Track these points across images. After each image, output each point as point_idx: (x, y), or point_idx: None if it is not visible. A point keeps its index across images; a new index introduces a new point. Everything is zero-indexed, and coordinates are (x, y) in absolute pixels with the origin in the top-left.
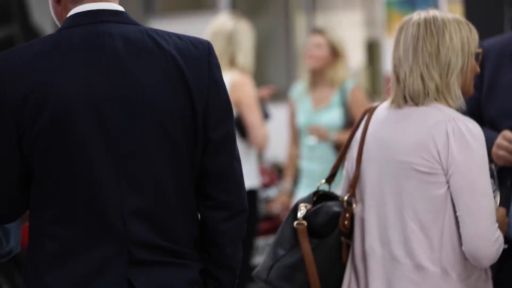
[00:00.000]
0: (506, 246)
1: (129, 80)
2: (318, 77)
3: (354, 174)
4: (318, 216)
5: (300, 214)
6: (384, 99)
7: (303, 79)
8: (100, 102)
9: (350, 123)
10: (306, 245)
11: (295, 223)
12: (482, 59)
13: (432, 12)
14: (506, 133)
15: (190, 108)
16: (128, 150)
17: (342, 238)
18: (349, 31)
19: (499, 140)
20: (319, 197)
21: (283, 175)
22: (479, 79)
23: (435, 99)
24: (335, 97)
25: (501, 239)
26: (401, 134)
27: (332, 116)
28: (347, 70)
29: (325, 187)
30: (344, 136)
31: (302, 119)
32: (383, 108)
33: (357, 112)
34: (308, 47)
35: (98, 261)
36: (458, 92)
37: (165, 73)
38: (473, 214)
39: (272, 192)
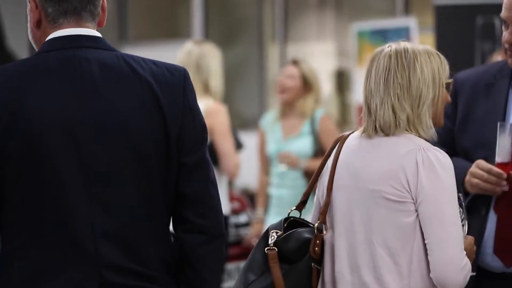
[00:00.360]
0: (474, 273)
1: (104, 105)
2: (288, 107)
3: (324, 201)
4: (289, 242)
5: (271, 240)
6: (355, 129)
7: (274, 108)
8: (74, 126)
9: (320, 151)
10: (276, 271)
11: (266, 249)
12: (456, 90)
13: (403, 44)
14: (480, 162)
15: (164, 133)
16: (100, 174)
17: (313, 264)
18: (321, 61)
19: (473, 168)
20: (290, 224)
21: (254, 201)
22: (452, 110)
23: (406, 130)
24: (305, 126)
25: (468, 266)
26: (372, 163)
27: (302, 145)
28: (318, 101)
29: (295, 214)
30: (314, 164)
31: (272, 147)
32: (354, 137)
33: (327, 141)
34: (281, 77)
35: (69, 284)
36: (429, 123)
37: (140, 98)
38: (441, 242)
39: (242, 218)
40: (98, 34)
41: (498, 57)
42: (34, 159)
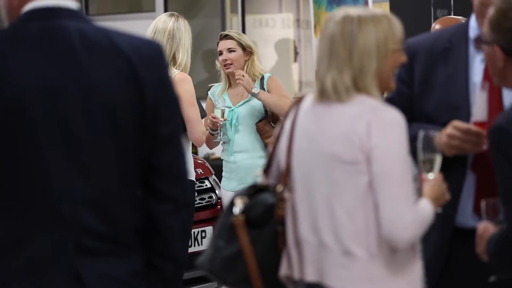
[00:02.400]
0: (440, 211)
1: (84, 75)
2: (235, 76)
3: (285, 165)
4: (254, 208)
5: (237, 208)
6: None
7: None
8: (54, 94)
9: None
10: (244, 238)
11: (232, 217)
12: (410, 56)
13: (352, 11)
14: (457, 122)
15: (140, 104)
16: (79, 141)
17: (278, 227)
18: (281, 31)
19: (450, 130)
20: (255, 189)
21: (216, 169)
22: (409, 76)
23: (355, 94)
24: (253, 89)
25: (418, 222)
26: (326, 126)
27: (254, 105)
28: (260, 64)
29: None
30: (266, 96)
31: (226, 114)
32: (308, 101)
33: (277, 94)
34: (222, 54)
35: (46, 248)
36: (375, 93)
37: (118, 69)
38: (390, 199)
39: (205, 184)
40: (77, 6)
41: (436, 25)
42: (15, 123)
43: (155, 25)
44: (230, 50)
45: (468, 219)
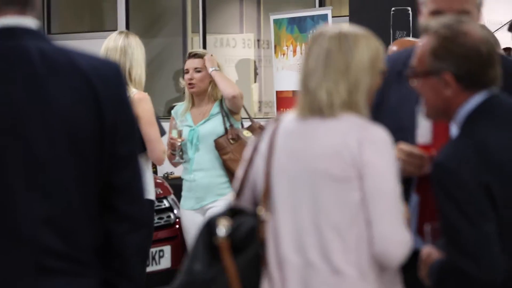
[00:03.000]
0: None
1: (44, 94)
2: (198, 96)
3: (264, 186)
4: (237, 231)
5: (221, 230)
6: (276, 115)
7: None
8: (15, 115)
9: (231, 126)
10: (229, 261)
11: (218, 239)
12: None
13: (345, 27)
14: (401, 146)
15: (100, 124)
16: (40, 162)
17: (261, 250)
18: (241, 51)
19: (396, 153)
20: (232, 212)
21: (175, 187)
22: None
23: (343, 111)
24: (214, 108)
25: (409, 240)
26: (313, 143)
27: (213, 125)
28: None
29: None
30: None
31: (186, 133)
32: (290, 120)
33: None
34: (189, 72)
35: (8, 269)
36: (365, 111)
37: (78, 89)
38: (383, 217)
39: (164, 204)
40: (37, 25)
41: (393, 47)
42: None
43: (106, 45)
44: (196, 70)
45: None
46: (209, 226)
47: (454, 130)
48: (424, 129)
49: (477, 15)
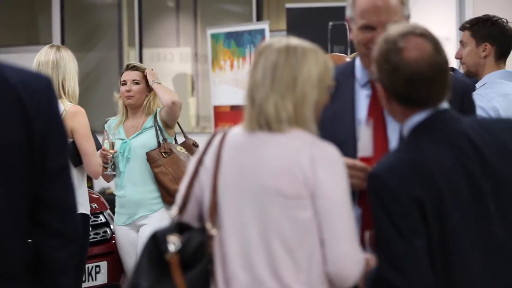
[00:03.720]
0: None
1: None
2: (133, 110)
3: (211, 201)
4: (186, 247)
5: (171, 246)
6: (213, 129)
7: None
8: None
9: (165, 140)
10: (179, 277)
11: (168, 255)
12: None
13: (293, 41)
14: (345, 159)
15: (29, 138)
16: None
17: (209, 266)
18: (178, 65)
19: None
20: (179, 227)
21: (111, 203)
22: None
23: (291, 126)
24: (148, 122)
25: (363, 260)
26: (264, 159)
27: (146, 138)
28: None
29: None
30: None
31: (118, 146)
32: (237, 134)
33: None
34: (126, 84)
35: None
36: (313, 126)
37: (6, 103)
38: (338, 236)
39: (100, 219)
40: None
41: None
42: None
43: (38, 59)
44: (135, 82)
45: None
46: (155, 242)
47: (394, 142)
48: (365, 142)
49: None
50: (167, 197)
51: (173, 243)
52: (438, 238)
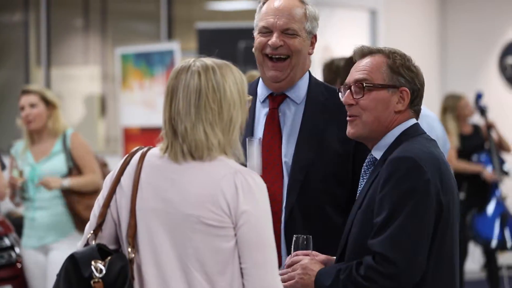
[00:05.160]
0: None
1: None
2: (37, 133)
3: (130, 224)
4: (109, 271)
5: (95, 270)
6: (121, 151)
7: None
8: None
9: (75, 167)
10: None
11: (92, 281)
12: None
13: (207, 62)
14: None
15: None
16: None
17: None
18: (86, 85)
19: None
20: (99, 251)
21: (17, 225)
22: None
23: (218, 153)
24: (56, 146)
25: None
26: (185, 187)
27: (55, 163)
28: (63, 118)
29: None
30: (77, 181)
31: (27, 171)
32: (156, 156)
33: (80, 155)
34: (25, 110)
35: None
36: (239, 146)
37: None
38: (259, 267)
39: (6, 242)
40: None
41: None
42: None
43: None
44: (32, 106)
45: None
46: (75, 265)
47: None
48: (254, 161)
49: (307, 41)
50: (79, 224)
51: (98, 268)
52: (442, 227)
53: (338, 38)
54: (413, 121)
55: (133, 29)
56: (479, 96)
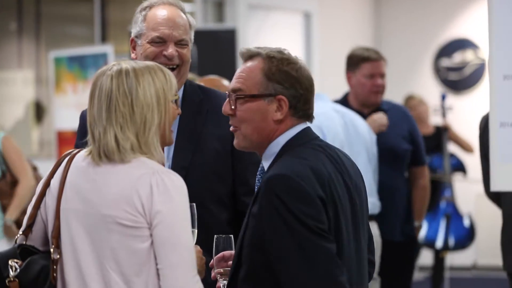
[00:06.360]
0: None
1: None
2: None
3: (54, 224)
4: (28, 271)
5: (10, 270)
6: (55, 155)
7: None
8: None
9: (8, 171)
10: None
11: (7, 280)
12: None
13: (125, 65)
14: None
15: None
16: None
17: None
18: (21, 89)
19: None
20: (22, 251)
21: None
22: None
23: (137, 155)
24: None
25: None
26: (104, 188)
27: None
28: None
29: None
30: (15, 205)
31: None
32: (81, 158)
33: (13, 158)
34: None
35: None
36: (158, 147)
37: None
38: (174, 267)
39: None
40: None
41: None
42: None
43: None
44: None
45: None
46: None
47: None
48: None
49: (189, 51)
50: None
51: (13, 267)
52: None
53: (273, 41)
54: (300, 127)
55: (67, 32)
56: (443, 97)
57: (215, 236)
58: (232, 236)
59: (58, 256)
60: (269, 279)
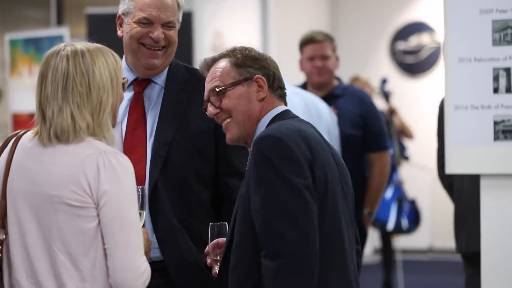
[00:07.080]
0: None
1: None
2: None
3: (1, 204)
4: None
5: None
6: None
7: None
8: None
9: None
10: None
11: None
12: None
13: (79, 46)
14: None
15: None
16: None
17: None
18: None
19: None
20: None
21: None
22: None
23: (87, 136)
24: None
25: (148, 270)
26: (51, 168)
27: None
28: None
29: None
30: None
31: None
32: (28, 139)
33: None
34: None
35: None
36: (111, 128)
37: None
38: (121, 247)
39: None
40: None
41: None
42: None
43: None
44: None
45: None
46: None
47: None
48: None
49: (176, 32)
50: None
51: None
52: (319, 199)
53: (229, 23)
54: (281, 108)
55: (23, 15)
56: (384, 81)
57: (210, 223)
58: (226, 223)
59: (4, 237)
60: (253, 243)
